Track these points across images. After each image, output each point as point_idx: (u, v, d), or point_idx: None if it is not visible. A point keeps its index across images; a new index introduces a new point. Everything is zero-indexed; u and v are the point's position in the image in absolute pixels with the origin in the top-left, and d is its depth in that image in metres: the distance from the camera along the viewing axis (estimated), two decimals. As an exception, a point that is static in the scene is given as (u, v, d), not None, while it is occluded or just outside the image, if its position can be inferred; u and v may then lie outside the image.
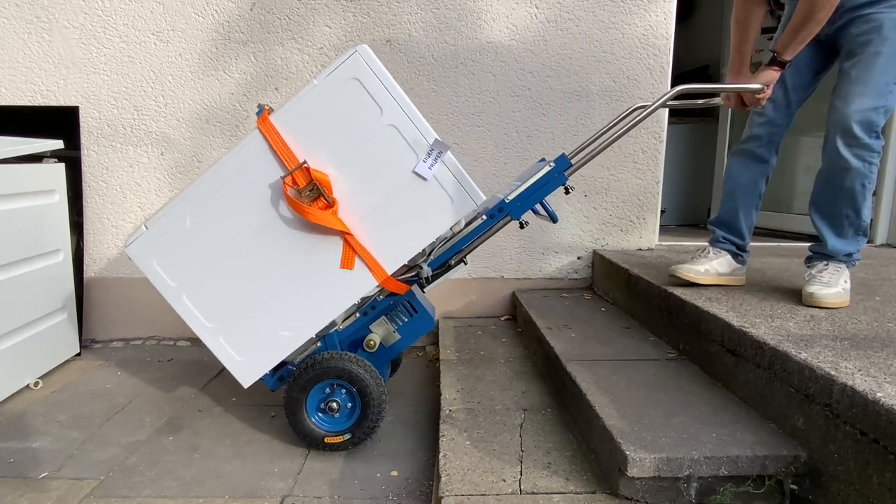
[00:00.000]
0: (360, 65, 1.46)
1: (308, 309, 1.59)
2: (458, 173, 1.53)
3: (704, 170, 3.84)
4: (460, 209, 1.55)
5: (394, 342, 1.70)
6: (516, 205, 1.60)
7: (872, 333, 1.37)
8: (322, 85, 1.48)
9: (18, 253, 2.03)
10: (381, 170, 1.52)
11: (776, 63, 1.59)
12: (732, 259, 1.86)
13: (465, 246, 1.64)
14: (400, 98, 1.49)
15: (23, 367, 2.07)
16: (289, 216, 1.53)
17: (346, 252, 1.55)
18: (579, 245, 2.66)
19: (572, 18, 2.49)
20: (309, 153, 1.49)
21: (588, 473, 1.30)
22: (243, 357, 1.61)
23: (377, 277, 1.57)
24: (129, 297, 2.62)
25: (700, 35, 4.50)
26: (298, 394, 1.59)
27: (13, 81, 2.50)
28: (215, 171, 1.52)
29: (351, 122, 1.50)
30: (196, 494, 1.46)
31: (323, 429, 1.62)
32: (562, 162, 1.58)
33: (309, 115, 1.49)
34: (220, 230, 1.54)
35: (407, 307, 1.67)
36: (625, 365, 1.65)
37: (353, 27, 2.49)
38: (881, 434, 0.97)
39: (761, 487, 1.16)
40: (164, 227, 1.54)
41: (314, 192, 1.48)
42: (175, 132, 2.55)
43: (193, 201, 1.53)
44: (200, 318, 1.59)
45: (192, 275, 1.56)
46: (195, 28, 2.48)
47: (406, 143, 1.51)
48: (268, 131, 1.49)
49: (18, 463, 1.60)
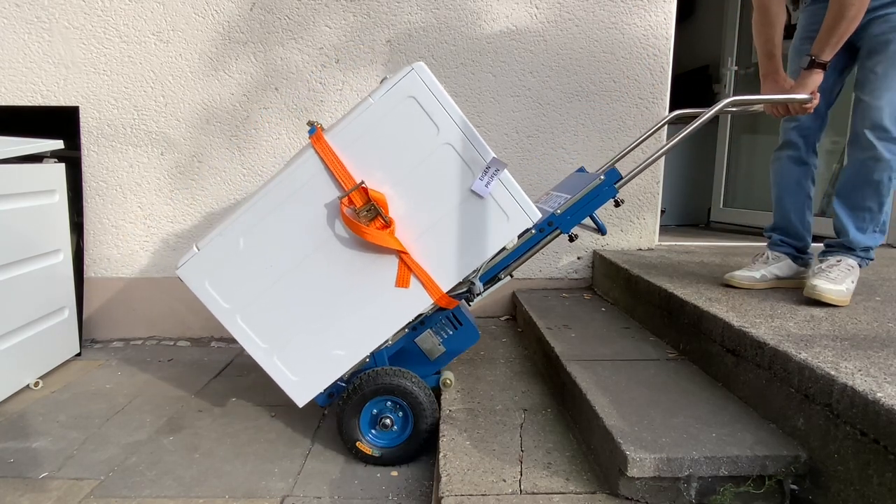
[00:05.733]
0: (416, 83, 1.44)
1: (363, 328, 1.57)
2: (514, 191, 1.50)
3: (704, 170, 3.84)
4: (516, 226, 1.53)
5: (438, 355, 1.69)
6: (566, 219, 1.59)
7: (872, 333, 1.37)
8: (378, 104, 1.45)
9: (18, 253, 2.03)
10: (437, 188, 1.50)
11: (816, 65, 1.58)
12: (793, 262, 1.85)
13: (513, 260, 1.63)
14: (457, 116, 1.46)
15: (23, 367, 2.07)
16: (343, 235, 1.52)
17: (401, 271, 1.54)
18: (579, 245, 2.66)
19: (572, 18, 2.49)
20: (364, 172, 1.47)
21: (588, 473, 1.30)
22: (298, 377, 1.59)
23: (432, 295, 1.56)
24: (129, 297, 2.63)
25: (700, 35, 4.50)
26: (353, 411, 1.58)
27: (13, 81, 2.50)
28: (269, 192, 1.50)
29: (407, 141, 1.47)
30: (196, 494, 1.46)
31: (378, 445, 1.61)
32: (613, 175, 1.57)
33: (364, 134, 1.47)
34: (274, 250, 1.52)
35: (452, 320, 1.66)
36: (625, 365, 1.65)
37: (353, 27, 2.49)
38: (881, 434, 0.97)
39: (761, 487, 1.16)
40: (216, 249, 1.52)
41: (371, 212, 1.46)
42: (175, 132, 2.55)
43: (246, 222, 1.51)
44: (255, 339, 1.56)
45: (245, 295, 1.54)
46: (195, 28, 2.48)
47: (462, 162, 1.48)
48: (323, 151, 1.46)
49: (18, 463, 1.60)
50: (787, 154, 1.83)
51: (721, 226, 3.71)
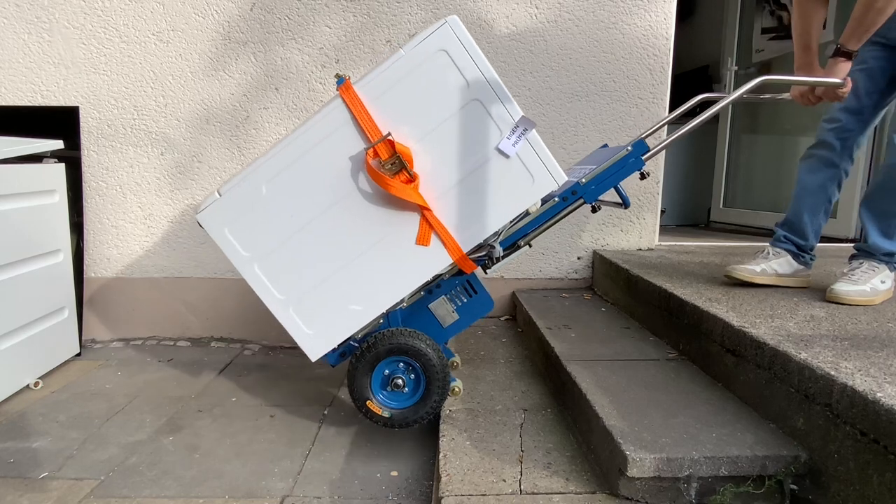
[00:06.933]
0: (449, 36, 1.42)
1: (380, 284, 1.55)
2: (541, 152, 1.48)
3: (704, 170, 3.85)
4: (541, 189, 1.51)
5: (451, 322, 1.67)
6: (590, 188, 1.57)
7: (872, 333, 1.37)
8: (409, 56, 1.43)
9: (18, 253, 2.03)
10: (462, 145, 1.48)
11: (842, 54, 1.57)
12: (793, 259, 1.84)
13: (534, 228, 1.61)
14: (488, 72, 1.45)
15: (23, 367, 2.07)
16: (367, 189, 1.50)
17: (422, 228, 1.52)
18: (579, 245, 2.66)
19: (572, 18, 2.49)
20: (391, 125, 1.45)
21: (588, 473, 1.30)
22: (313, 330, 1.57)
23: (452, 255, 1.54)
24: (129, 297, 2.63)
25: (700, 35, 4.50)
26: (365, 370, 1.57)
27: (13, 81, 2.50)
28: (294, 140, 1.48)
29: (436, 95, 1.45)
30: (196, 494, 1.46)
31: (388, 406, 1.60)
32: (640, 146, 1.56)
33: (393, 87, 1.45)
34: (296, 200, 1.50)
35: (468, 287, 1.65)
36: (625, 365, 1.65)
37: (353, 27, 2.49)
38: (881, 434, 0.97)
39: (761, 487, 1.16)
40: (239, 195, 1.50)
41: (396, 165, 1.44)
42: (175, 132, 2.55)
43: (270, 170, 1.49)
44: (272, 290, 1.55)
45: (265, 245, 1.52)
46: (195, 28, 2.48)
47: (491, 119, 1.47)
48: (351, 101, 1.44)
49: (18, 463, 1.60)
50: (820, 154, 1.80)
51: (721, 226, 3.71)
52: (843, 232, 2.84)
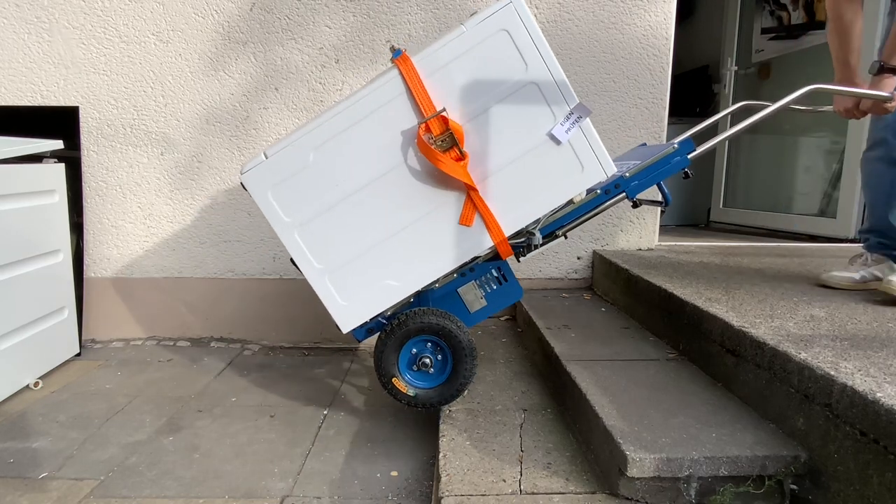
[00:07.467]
0: (512, 16, 1.41)
1: (419, 261, 1.54)
2: (593, 141, 1.47)
3: (704, 170, 3.84)
4: (590, 178, 1.50)
5: (479, 308, 1.67)
6: (633, 183, 1.56)
7: (872, 333, 1.37)
8: (470, 32, 1.42)
9: (18, 253, 2.03)
10: (515, 128, 1.47)
11: (886, 70, 1.56)
12: (894, 263, 1.82)
13: (574, 218, 1.60)
14: (547, 55, 1.43)
15: (23, 367, 2.07)
16: (414, 164, 1.48)
17: (467, 208, 1.50)
18: (579, 245, 2.66)
19: (572, 18, 2.49)
20: (444, 101, 1.44)
21: (588, 473, 1.30)
22: (347, 301, 1.56)
23: (494, 238, 1.52)
24: (129, 297, 2.63)
25: (700, 35, 4.51)
26: (394, 347, 1.56)
27: (13, 81, 2.50)
28: (346, 109, 1.47)
29: (493, 74, 1.44)
30: (196, 494, 1.46)
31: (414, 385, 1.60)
32: (686, 144, 1.55)
33: (451, 62, 1.44)
34: (343, 170, 1.49)
35: (498, 274, 1.64)
36: (625, 365, 1.65)
37: (353, 27, 2.49)
38: (881, 434, 0.97)
39: (761, 487, 1.16)
40: (285, 159, 1.48)
41: (447, 141, 1.42)
42: (175, 132, 2.55)
43: (319, 136, 1.47)
44: (310, 258, 1.54)
45: (307, 211, 1.51)
46: (195, 28, 2.48)
47: (546, 103, 1.45)
48: (408, 73, 1.42)
49: (18, 463, 1.60)
50: (878, 154, 1.77)
51: (721, 226, 3.71)
52: (842, 232, 2.84)
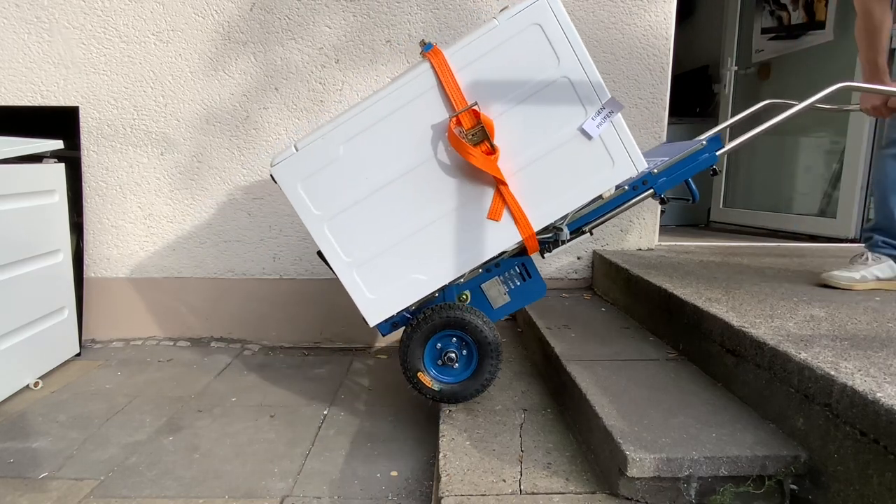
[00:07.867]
0: (545, 10, 1.41)
1: (446, 255, 1.54)
2: (624, 136, 1.46)
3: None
4: (620, 174, 1.49)
5: (502, 304, 1.66)
6: (661, 180, 1.56)
7: (872, 333, 1.37)
8: (503, 26, 1.42)
9: (18, 253, 2.03)
10: (545, 122, 1.46)
11: None
12: (895, 263, 1.82)
13: (601, 214, 1.60)
14: (580, 50, 1.43)
15: (23, 367, 2.07)
16: (444, 158, 1.48)
17: (496, 203, 1.50)
18: (579, 245, 2.66)
19: (572, 18, 2.48)
20: (476, 95, 1.44)
21: (588, 473, 1.30)
22: (374, 295, 1.56)
23: (522, 233, 1.52)
24: (129, 297, 2.63)
25: (700, 35, 4.50)
26: (420, 341, 1.56)
27: (13, 81, 2.50)
28: (376, 102, 1.46)
29: (525, 69, 1.43)
30: (196, 494, 1.46)
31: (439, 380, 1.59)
32: (715, 142, 1.55)
33: (483, 56, 1.43)
34: (373, 163, 1.49)
35: (522, 270, 1.63)
36: (625, 365, 1.65)
37: (353, 27, 2.49)
38: (881, 434, 0.97)
39: (761, 487, 1.16)
40: (316, 152, 1.49)
41: (478, 135, 1.42)
42: (175, 132, 2.55)
43: (350, 130, 1.47)
44: (339, 251, 1.54)
45: (337, 205, 1.51)
46: (195, 28, 2.48)
47: (577, 98, 1.45)
48: (440, 67, 1.42)
49: (18, 463, 1.60)
50: (893, 152, 1.78)
51: (721, 226, 3.71)
52: (842, 232, 2.84)
